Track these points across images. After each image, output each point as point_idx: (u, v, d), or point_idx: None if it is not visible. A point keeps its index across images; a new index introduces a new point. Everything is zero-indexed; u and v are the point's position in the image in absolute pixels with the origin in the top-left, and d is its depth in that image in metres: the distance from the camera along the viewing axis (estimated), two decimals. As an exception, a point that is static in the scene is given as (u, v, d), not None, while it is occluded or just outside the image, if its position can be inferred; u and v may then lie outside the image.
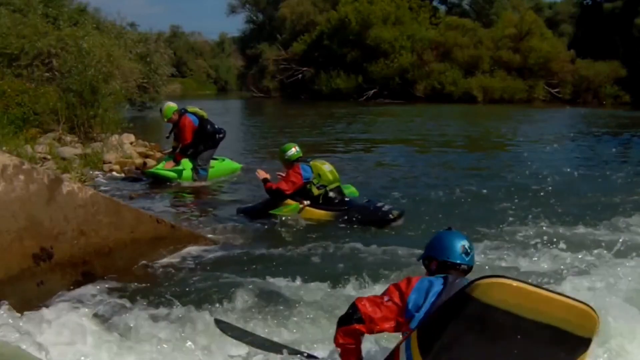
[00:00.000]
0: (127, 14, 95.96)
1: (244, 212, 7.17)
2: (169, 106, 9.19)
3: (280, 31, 45.67)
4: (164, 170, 9.03)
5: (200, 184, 9.00)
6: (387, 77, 36.40)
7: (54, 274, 4.47)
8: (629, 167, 10.74)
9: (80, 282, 4.59)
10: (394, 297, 2.81)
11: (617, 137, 17.26)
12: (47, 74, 13.68)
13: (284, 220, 6.73)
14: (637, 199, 7.85)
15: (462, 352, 2.45)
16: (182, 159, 8.96)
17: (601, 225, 6.52)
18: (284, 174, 6.90)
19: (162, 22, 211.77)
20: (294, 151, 6.98)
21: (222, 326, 3.63)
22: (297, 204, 6.78)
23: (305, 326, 3.98)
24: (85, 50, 12.35)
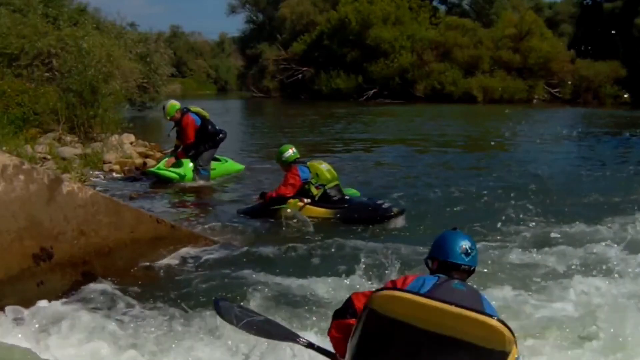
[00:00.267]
0: (127, 14, 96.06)
1: (244, 213, 7.17)
2: (172, 104, 9.15)
3: (280, 31, 45.66)
4: (165, 170, 9.02)
5: (200, 184, 8.99)
6: (387, 77, 36.36)
7: (54, 274, 4.47)
8: (629, 167, 10.74)
9: (80, 282, 4.59)
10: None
11: (617, 137, 17.26)
12: (47, 74, 13.67)
13: (284, 219, 6.71)
14: (637, 198, 7.85)
15: None
16: (184, 158, 8.95)
17: (601, 224, 6.52)
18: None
19: (162, 22, 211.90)
20: (290, 153, 6.98)
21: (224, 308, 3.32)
22: (296, 201, 6.77)
23: (306, 323, 3.99)
24: (85, 50, 12.35)
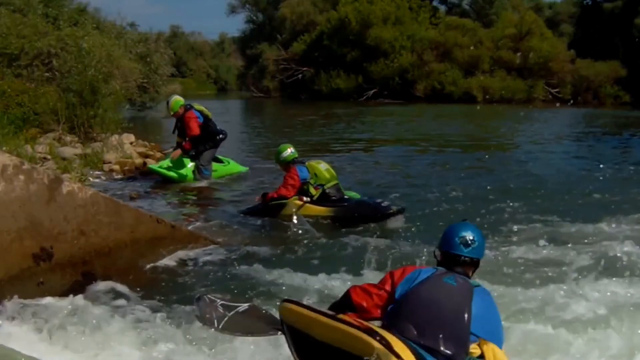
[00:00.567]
0: (127, 14, 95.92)
1: (245, 212, 7.18)
2: (176, 100, 9.14)
3: (280, 31, 45.65)
4: (165, 169, 9.04)
5: (201, 185, 9.00)
6: (387, 77, 36.36)
7: (54, 274, 4.47)
8: (629, 167, 10.75)
9: (80, 282, 4.59)
10: (386, 285, 2.87)
11: (617, 137, 17.25)
12: (47, 74, 13.66)
13: (284, 219, 6.72)
14: (637, 197, 7.86)
15: None
16: (190, 149, 8.93)
17: (601, 224, 6.51)
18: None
19: (162, 22, 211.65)
20: (289, 152, 7.00)
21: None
22: (295, 198, 6.77)
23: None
24: (85, 50, 12.36)
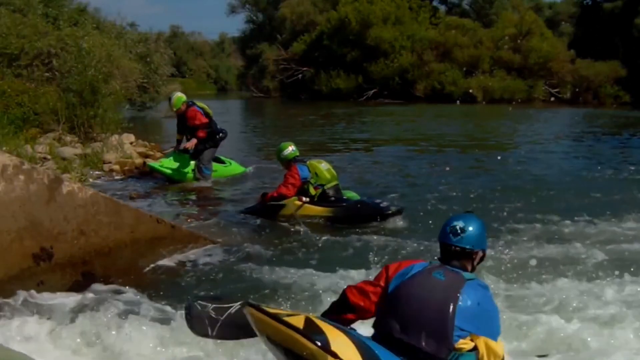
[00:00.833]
0: (127, 14, 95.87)
1: (245, 212, 7.19)
2: (178, 97, 9.17)
3: (280, 31, 45.64)
4: (165, 167, 9.07)
5: (201, 185, 9.00)
6: (387, 77, 36.33)
7: (54, 274, 4.48)
8: (629, 167, 10.74)
9: (80, 282, 4.59)
10: (380, 281, 2.86)
11: (617, 137, 17.25)
12: (47, 74, 13.65)
13: (284, 219, 6.74)
14: (637, 197, 7.87)
15: None
16: (203, 136, 8.92)
17: (601, 224, 6.53)
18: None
19: (162, 22, 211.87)
20: (290, 150, 7.01)
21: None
22: (295, 199, 6.78)
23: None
24: (85, 50, 12.36)
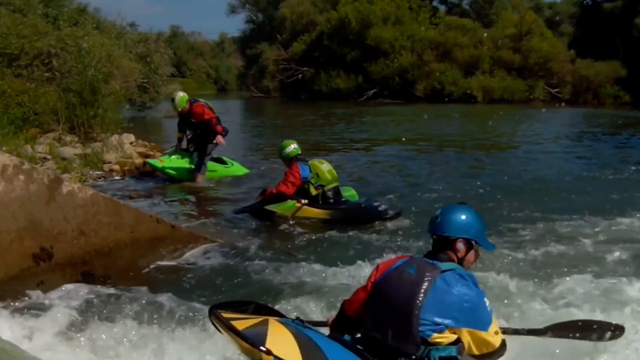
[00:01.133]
0: (127, 14, 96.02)
1: (243, 211, 7.17)
2: (182, 97, 9.17)
3: (280, 31, 45.65)
4: (164, 166, 9.08)
5: (201, 185, 9.01)
6: (387, 77, 36.32)
7: (54, 274, 4.48)
8: (630, 167, 10.74)
9: (80, 282, 4.59)
10: (369, 283, 2.84)
11: (617, 137, 17.25)
12: (47, 74, 13.66)
13: (283, 219, 6.73)
14: (637, 197, 7.87)
15: None
16: (221, 130, 8.96)
17: (601, 224, 6.52)
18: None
19: (162, 22, 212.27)
20: (292, 148, 7.01)
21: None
22: (294, 202, 6.78)
23: (312, 318, 3.97)
24: (85, 50, 12.35)
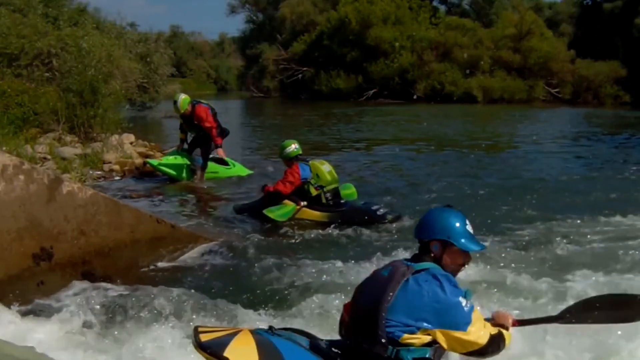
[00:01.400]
0: (127, 14, 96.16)
1: (242, 210, 7.17)
2: (184, 98, 9.18)
3: (280, 31, 45.68)
4: (164, 166, 9.09)
5: (201, 185, 9.01)
6: (387, 77, 36.31)
7: (54, 274, 4.48)
8: (630, 167, 10.74)
9: (80, 282, 4.58)
10: None
11: (617, 137, 17.24)
12: (47, 74, 13.67)
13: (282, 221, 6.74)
14: (638, 197, 7.87)
15: None
16: (220, 142, 9.09)
17: (600, 224, 6.53)
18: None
19: (162, 22, 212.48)
20: (293, 148, 7.01)
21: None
22: (293, 206, 6.77)
23: (311, 319, 3.99)
24: (85, 50, 12.36)
